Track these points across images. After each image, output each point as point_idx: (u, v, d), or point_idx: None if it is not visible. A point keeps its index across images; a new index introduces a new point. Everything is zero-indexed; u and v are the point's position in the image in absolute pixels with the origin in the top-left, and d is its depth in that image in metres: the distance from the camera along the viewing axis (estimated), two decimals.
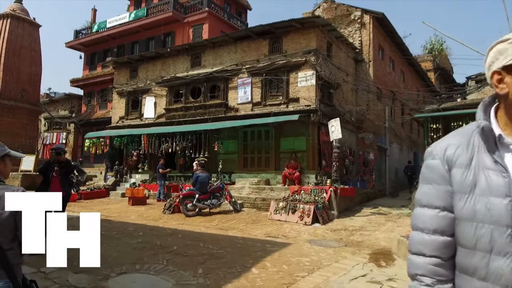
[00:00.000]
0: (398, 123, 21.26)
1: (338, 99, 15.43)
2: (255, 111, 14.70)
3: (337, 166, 12.02)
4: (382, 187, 18.23)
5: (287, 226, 10.08)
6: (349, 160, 16.29)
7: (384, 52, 19.40)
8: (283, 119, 13.26)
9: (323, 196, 11.64)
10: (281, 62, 14.19)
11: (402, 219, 11.35)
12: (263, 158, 14.67)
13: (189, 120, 16.11)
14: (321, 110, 13.51)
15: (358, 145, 17.54)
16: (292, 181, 13.38)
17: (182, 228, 9.31)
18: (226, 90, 15.68)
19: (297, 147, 13.91)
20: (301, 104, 13.76)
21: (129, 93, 19.01)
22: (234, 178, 14.73)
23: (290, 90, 14.05)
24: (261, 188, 13.35)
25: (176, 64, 17.53)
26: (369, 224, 10.67)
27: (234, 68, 15.42)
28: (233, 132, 15.22)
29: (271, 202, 11.39)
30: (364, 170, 17.22)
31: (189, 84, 16.80)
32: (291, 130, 14.11)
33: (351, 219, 11.56)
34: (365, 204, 14.63)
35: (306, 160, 13.66)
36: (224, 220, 10.82)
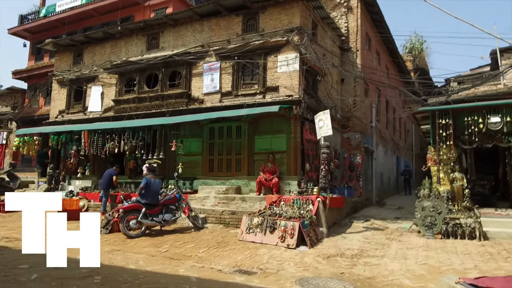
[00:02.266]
0: (383, 124, 19.20)
1: (323, 91, 13.00)
2: (224, 103, 11.97)
3: (326, 171, 9.50)
4: (368, 195, 15.96)
5: (264, 251, 7.39)
6: (334, 163, 13.86)
7: (371, 43, 17.29)
8: (259, 112, 10.62)
9: (309, 209, 9.07)
10: (257, 43, 11.57)
11: (407, 237, 8.96)
12: (233, 160, 11.92)
13: (142, 114, 13.12)
14: (305, 102, 10.98)
15: (343, 146, 15.19)
16: (269, 189, 10.73)
17: (111, 261, 6.37)
18: (189, 77, 12.84)
19: (275, 147, 11.29)
20: (281, 94, 11.18)
21: (71, 82, 15.73)
22: (197, 185, 11.89)
23: (268, 77, 11.44)
24: (230, 198, 10.59)
25: (128, 47, 14.50)
26: (369, 245, 8.18)
27: (199, 51, 12.63)
28: (197, 129, 12.39)
29: (243, 217, 8.66)
30: (350, 176, 14.87)
31: (144, 70, 13.83)
32: (269, 126, 11.49)
33: (344, 237, 9.04)
34: (354, 216, 12.21)
35: (287, 163, 11.06)
36: (178, 244, 7.97)
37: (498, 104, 9.25)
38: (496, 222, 8.80)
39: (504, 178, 12.96)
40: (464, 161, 10.95)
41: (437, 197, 9.65)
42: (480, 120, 9.37)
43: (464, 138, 9.96)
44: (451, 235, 8.55)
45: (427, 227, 8.90)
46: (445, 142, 9.84)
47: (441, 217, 8.91)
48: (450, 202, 9.66)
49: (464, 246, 7.66)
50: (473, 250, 7.31)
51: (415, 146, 28.74)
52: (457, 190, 9.81)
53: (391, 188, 21.05)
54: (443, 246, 7.80)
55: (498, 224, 8.70)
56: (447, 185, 10.01)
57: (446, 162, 10.10)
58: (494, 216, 9.22)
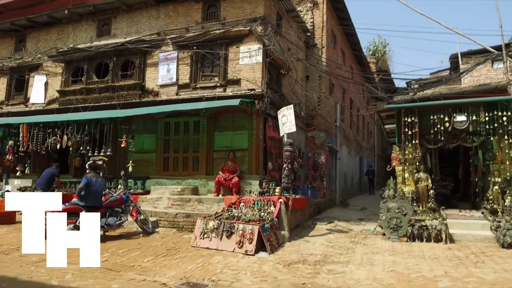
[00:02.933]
0: (347, 124, 19.01)
1: (287, 87, 12.41)
2: (181, 96, 11.04)
3: (289, 170, 8.85)
4: (332, 196, 15.61)
5: (219, 259, 6.60)
6: (298, 163, 13.32)
7: (337, 41, 16.98)
8: (218, 105, 9.80)
9: (271, 211, 8.39)
10: (218, 32, 10.74)
11: (372, 240, 8.52)
12: (190, 158, 11.01)
13: (90, 107, 11.88)
14: (268, 96, 10.31)
15: (307, 145, 14.71)
16: (228, 190, 9.95)
17: (31, 274, 5.32)
18: (143, 67, 11.77)
19: (236, 145, 10.53)
20: (243, 88, 10.43)
21: (12, 70, 14.11)
22: (150, 185, 10.86)
23: (229, 69, 10.65)
24: (185, 200, 9.68)
25: (77, 33, 13.17)
26: (333, 249, 7.62)
27: (155, 39, 11.61)
28: (151, 124, 11.37)
29: (197, 221, 7.81)
30: (314, 176, 14.42)
31: (94, 59, 12.57)
32: (230, 122, 10.70)
33: (307, 241, 8.45)
34: (317, 218, 11.72)
35: (248, 162, 10.32)
36: (121, 251, 6.99)
37: (464, 102, 9.04)
38: (461, 223, 8.56)
39: (464, 178, 13.00)
40: (429, 161, 10.75)
41: (402, 198, 9.31)
42: (446, 119, 9.12)
43: (429, 138, 9.71)
44: (417, 238, 8.19)
45: (393, 229, 8.49)
46: (411, 141, 9.52)
47: (407, 219, 8.54)
48: (415, 203, 9.35)
49: (431, 250, 7.27)
50: (440, 254, 6.93)
51: (377, 147, 29.09)
52: (421, 190, 9.52)
53: (354, 189, 20.96)
54: (410, 250, 7.38)
55: (463, 226, 8.45)
56: (412, 185, 9.71)
57: (411, 162, 9.80)
58: (459, 218, 9.00)
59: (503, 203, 8.56)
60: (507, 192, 8.63)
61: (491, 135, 8.81)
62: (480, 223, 8.44)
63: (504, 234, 7.38)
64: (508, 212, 8.30)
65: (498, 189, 8.76)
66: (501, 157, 8.80)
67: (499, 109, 8.67)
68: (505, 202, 8.53)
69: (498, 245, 7.37)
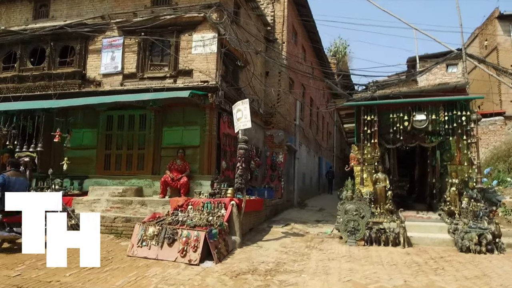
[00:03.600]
0: (306, 123, 18.66)
1: (245, 82, 11.71)
2: (127, 86, 9.98)
3: (243, 169, 8.15)
4: (290, 196, 15.13)
5: (156, 271, 5.75)
6: (255, 162, 12.67)
7: (298, 37, 16.53)
8: (166, 97, 8.88)
9: (221, 214, 7.64)
10: (169, 18, 9.81)
11: (329, 244, 8.04)
12: (135, 156, 9.99)
13: (22, 96, 10.50)
14: (223, 90, 9.54)
15: (265, 144, 14.10)
16: (176, 191, 9.07)
17: None
18: (84, 54, 10.57)
19: (187, 141, 9.66)
20: (195, 79, 9.58)
21: None
22: (88, 185, 9.70)
23: (180, 59, 9.75)
24: (126, 202, 8.67)
25: (10, 14, 11.65)
26: (287, 255, 7.02)
27: (98, 23, 10.45)
28: (91, 116, 10.21)
29: (135, 226, 6.90)
30: (272, 176, 13.83)
31: (28, 43, 11.16)
32: (180, 117, 9.82)
33: (260, 247, 7.79)
34: (273, 220, 11.14)
35: (200, 161, 9.50)
36: (41, 263, 5.91)
37: (424, 101, 8.80)
38: (418, 226, 8.28)
39: (420, 179, 12.96)
40: (387, 161, 10.49)
41: (360, 199, 8.93)
42: (405, 118, 8.84)
43: (388, 137, 9.41)
44: (375, 242, 7.79)
45: (350, 232, 8.05)
46: (370, 140, 9.17)
47: (364, 222, 8.13)
48: (373, 205, 9.01)
49: (389, 255, 6.87)
50: (399, 260, 6.52)
51: (336, 148, 29.20)
52: (379, 192, 9.19)
53: (313, 189, 20.70)
54: (368, 255, 6.93)
55: (420, 229, 8.17)
56: (370, 186, 9.36)
57: (369, 162, 9.46)
58: (416, 220, 8.74)
59: (460, 205, 8.39)
60: (464, 194, 8.47)
61: (450, 135, 8.63)
62: (437, 226, 8.20)
63: (462, 238, 7.13)
64: (465, 214, 8.12)
65: (456, 191, 8.58)
66: (459, 158, 8.63)
67: (458, 109, 8.50)
68: (462, 204, 8.36)
69: (457, 249, 7.11)
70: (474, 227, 7.11)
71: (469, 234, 7.03)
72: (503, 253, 6.78)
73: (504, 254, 6.72)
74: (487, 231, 6.89)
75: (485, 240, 6.82)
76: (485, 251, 6.76)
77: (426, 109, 8.78)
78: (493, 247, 6.81)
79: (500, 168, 12.19)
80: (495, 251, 6.80)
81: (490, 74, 13.97)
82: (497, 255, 6.68)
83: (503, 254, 6.72)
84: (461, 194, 8.51)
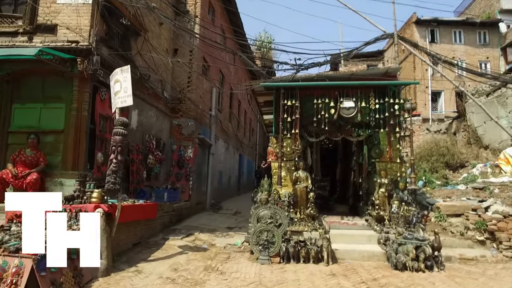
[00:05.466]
0: (225, 115, 16.72)
1: (144, 57, 9.28)
2: None
3: (118, 163, 5.79)
4: (201, 198, 13.00)
5: None
6: (156, 157, 10.31)
7: (216, 15, 14.48)
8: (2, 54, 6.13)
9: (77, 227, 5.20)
10: None
11: (235, 263, 6.13)
12: None
13: None
14: (101, 55, 7.04)
15: (172, 135, 11.79)
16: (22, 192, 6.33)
17: None
18: None
19: (47, 124, 6.96)
20: (60, 39, 6.93)
21: None
22: None
23: (40, 10, 7.02)
24: None
25: None
26: (173, 286, 4.92)
27: None
28: None
29: None
30: (178, 174, 11.57)
31: None
32: (38, 90, 7.07)
33: (138, 272, 5.55)
34: (173, 229, 8.88)
35: (64, 151, 6.86)
36: None
37: (354, 85, 7.36)
38: (344, 235, 6.77)
39: (342, 178, 11.82)
40: (309, 157, 8.95)
41: (277, 202, 7.19)
42: (331, 104, 7.31)
43: (311, 129, 7.81)
44: (293, 258, 6.07)
45: (263, 246, 6.24)
46: (290, 131, 7.48)
47: (281, 232, 6.39)
48: (292, 209, 7.34)
49: (310, 278, 5.15)
50: (322, 286, 4.83)
51: (259, 146, 27.83)
52: (300, 193, 7.55)
53: (232, 189, 18.80)
54: (282, 279, 5.13)
55: (347, 239, 6.67)
56: (290, 186, 7.69)
57: (289, 157, 7.78)
58: (341, 227, 7.25)
59: (390, 209, 7.11)
60: (394, 196, 7.21)
61: (381, 127, 7.29)
62: (366, 235, 6.77)
63: (396, 251, 5.73)
64: (396, 220, 6.83)
65: (385, 192, 7.28)
66: (390, 154, 7.35)
67: (390, 96, 7.21)
68: (392, 208, 7.09)
69: (390, 265, 5.67)
70: (410, 237, 5.74)
71: (404, 247, 5.65)
72: (444, 270, 5.49)
73: (446, 272, 5.43)
74: (426, 243, 5.54)
75: (423, 254, 5.47)
76: (423, 268, 5.40)
77: (355, 95, 7.34)
78: (432, 262, 5.49)
79: (424, 167, 11.54)
80: (434, 267, 5.48)
81: (423, 60, 13.51)
82: (438, 273, 5.36)
83: (444, 272, 5.42)
84: (391, 196, 7.24)
